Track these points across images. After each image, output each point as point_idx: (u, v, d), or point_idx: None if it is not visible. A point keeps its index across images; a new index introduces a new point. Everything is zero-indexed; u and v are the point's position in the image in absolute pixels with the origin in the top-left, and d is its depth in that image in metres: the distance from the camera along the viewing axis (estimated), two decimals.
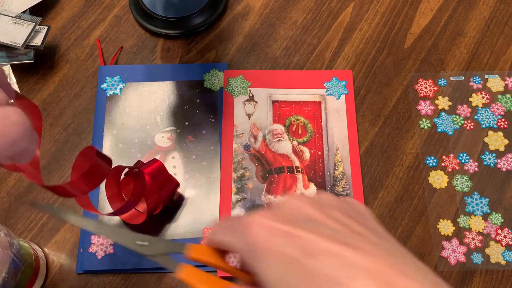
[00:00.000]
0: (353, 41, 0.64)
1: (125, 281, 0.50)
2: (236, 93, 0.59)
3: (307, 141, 0.57)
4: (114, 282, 0.50)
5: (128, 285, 0.50)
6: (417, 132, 0.58)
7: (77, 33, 0.64)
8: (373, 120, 0.58)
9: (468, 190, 0.54)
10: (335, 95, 0.59)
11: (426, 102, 0.59)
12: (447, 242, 0.52)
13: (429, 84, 0.60)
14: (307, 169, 0.55)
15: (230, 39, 0.64)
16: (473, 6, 0.66)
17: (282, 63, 0.62)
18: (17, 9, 0.61)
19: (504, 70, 0.61)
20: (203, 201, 0.53)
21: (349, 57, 0.62)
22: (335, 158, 0.56)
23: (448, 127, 0.58)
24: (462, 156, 0.56)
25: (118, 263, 0.50)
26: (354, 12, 0.66)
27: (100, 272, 0.50)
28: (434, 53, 0.63)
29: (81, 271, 0.50)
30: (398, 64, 0.62)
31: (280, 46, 0.63)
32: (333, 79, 0.60)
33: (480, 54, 0.63)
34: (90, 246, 0.51)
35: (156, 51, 0.63)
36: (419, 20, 0.65)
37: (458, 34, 0.64)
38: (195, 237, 0.51)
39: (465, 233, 0.52)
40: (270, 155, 0.56)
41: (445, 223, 0.53)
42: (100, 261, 0.50)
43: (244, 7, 0.66)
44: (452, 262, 0.51)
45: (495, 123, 0.58)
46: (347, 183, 0.54)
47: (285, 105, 0.59)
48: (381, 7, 0.66)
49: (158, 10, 0.64)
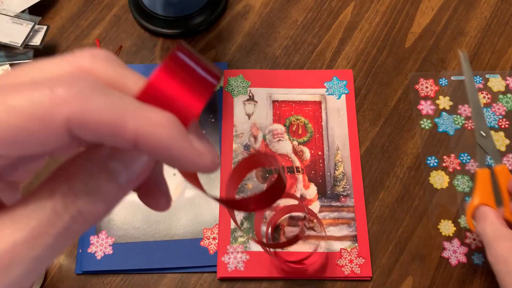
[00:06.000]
0: (353, 41, 0.63)
1: (124, 281, 0.50)
2: (236, 92, 0.59)
3: (307, 141, 0.57)
4: (114, 283, 0.50)
5: (128, 285, 0.50)
6: (418, 132, 0.57)
7: (76, 32, 0.63)
8: (374, 120, 0.58)
9: (469, 190, 0.54)
10: (336, 94, 0.59)
11: (427, 102, 0.59)
12: (448, 243, 0.52)
13: (430, 84, 0.60)
14: (307, 169, 0.55)
15: (230, 39, 0.63)
16: (474, 5, 0.66)
17: (282, 62, 0.62)
18: (16, 8, 0.61)
19: (505, 70, 0.61)
20: (202, 201, 0.53)
21: (350, 57, 0.62)
22: (336, 158, 0.55)
23: (449, 127, 0.57)
24: (463, 156, 0.56)
25: (117, 263, 0.50)
26: (355, 11, 0.66)
27: (100, 272, 0.50)
28: (435, 53, 0.62)
29: (80, 272, 0.50)
30: (398, 63, 0.62)
31: (280, 45, 0.63)
32: (334, 78, 0.60)
33: (481, 54, 0.62)
34: (89, 247, 0.51)
35: (156, 50, 0.62)
36: (419, 19, 0.65)
37: (459, 33, 0.64)
38: (195, 238, 0.51)
39: (466, 234, 0.52)
40: None
41: (446, 224, 0.53)
42: (100, 261, 0.50)
43: (244, 6, 0.66)
44: (453, 263, 0.51)
45: (496, 123, 0.57)
46: (348, 183, 0.54)
47: (285, 105, 0.58)
48: (382, 7, 0.66)
49: (157, 9, 0.63)
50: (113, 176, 0.18)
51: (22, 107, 0.15)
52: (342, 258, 0.50)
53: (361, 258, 0.50)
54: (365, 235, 0.52)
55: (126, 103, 0.17)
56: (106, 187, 0.18)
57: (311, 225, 0.52)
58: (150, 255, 0.50)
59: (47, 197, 0.17)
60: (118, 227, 0.52)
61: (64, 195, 0.17)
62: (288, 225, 0.52)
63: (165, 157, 0.17)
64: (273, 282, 0.50)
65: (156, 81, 0.18)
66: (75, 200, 0.17)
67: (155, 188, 0.21)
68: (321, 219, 0.52)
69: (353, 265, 0.50)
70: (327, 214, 0.53)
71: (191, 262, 0.50)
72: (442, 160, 0.56)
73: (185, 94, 0.18)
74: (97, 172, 0.18)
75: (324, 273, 0.50)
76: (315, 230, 0.52)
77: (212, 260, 0.50)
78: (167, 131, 0.17)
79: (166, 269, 0.50)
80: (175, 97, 0.18)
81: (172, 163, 0.18)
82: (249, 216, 0.52)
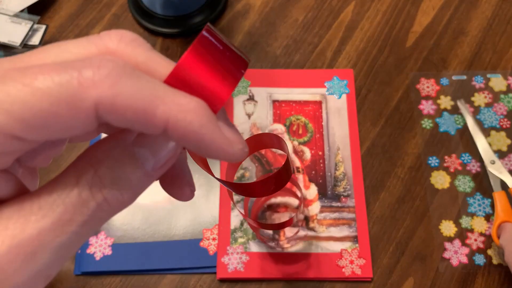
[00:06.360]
0: (354, 40, 0.63)
1: (123, 282, 0.50)
2: (236, 92, 0.59)
3: (308, 141, 0.56)
4: (113, 284, 0.50)
5: (127, 286, 0.49)
6: (419, 132, 0.57)
7: (75, 32, 0.63)
8: (375, 120, 0.58)
9: (470, 191, 0.54)
10: (336, 94, 0.59)
11: (428, 101, 0.59)
12: (449, 243, 0.51)
13: (431, 84, 0.60)
14: (307, 170, 0.55)
15: (230, 38, 0.63)
16: (475, 4, 0.66)
17: (282, 62, 0.61)
18: (15, 7, 0.61)
19: (507, 70, 0.61)
20: (202, 201, 0.53)
21: (350, 56, 0.62)
22: (336, 158, 0.55)
23: (450, 126, 0.57)
24: (465, 156, 0.55)
25: (116, 264, 0.50)
26: (355, 10, 0.65)
27: (99, 273, 0.50)
28: (436, 52, 0.62)
29: (79, 273, 0.50)
30: (399, 63, 0.61)
31: (281, 45, 0.63)
32: (334, 78, 0.60)
33: (483, 53, 0.62)
34: (88, 248, 0.50)
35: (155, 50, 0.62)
36: (420, 18, 0.65)
37: (460, 33, 0.64)
38: (194, 238, 0.51)
39: (467, 234, 0.52)
40: (270, 155, 0.55)
41: (447, 224, 0.52)
42: (99, 262, 0.50)
43: (244, 5, 0.66)
44: (454, 264, 0.50)
45: (497, 123, 0.57)
46: (348, 184, 0.54)
47: (285, 104, 0.58)
48: (383, 6, 0.66)
49: (157, 8, 0.63)
50: (140, 163, 0.17)
51: (49, 90, 0.15)
52: (342, 259, 0.50)
53: (362, 259, 0.50)
54: (366, 236, 0.51)
55: (156, 88, 0.16)
56: (133, 174, 0.17)
57: (312, 225, 0.52)
58: (149, 256, 0.50)
59: (73, 184, 0.16)
60: (117, 228, 0.51)
61: (90, 181, 0.16)
62: None
63: (195, 145, 0.16)
64: (273, 283, 0.50)
65: (185, 65, 0.17)
66: (101, 187, 0.16)
67: (179, 177, 0.21)
68: (322, 219, 0.52)
69: (353, 266, 0.50)
70: (327, 215, 0.52)
71: (190, 263, 0.50)
72: (443, 160, 0.55)
73: (214, 79, 0.17)
74: (124, 159, 0.17)
75: (325, 274, 0.50)
76: (316, 231, 0.52)
77: (211, 261, 0.50)
78: (199, 117, 0.16)
79: (165, 270, 0.50)
80: (204, 83, 0.17)
81: (201, 151, 0.17)
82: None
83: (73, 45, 0.17)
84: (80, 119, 0.15)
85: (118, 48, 0.17)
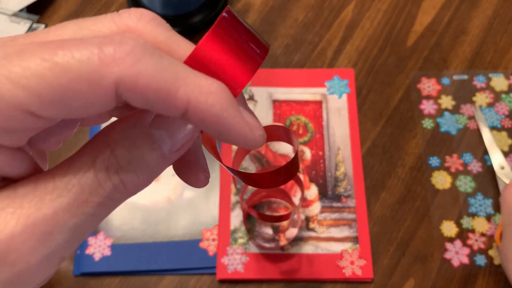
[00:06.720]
0: (354, 39, 0.63)
1: (123, 283, 0.49)
2: None
3: (308, 141, 0.56)
4: (112, 285, 0.49)
5: (126, 287, 0.49)
6: (419, 132, 0.57)
7: None
8: (375, 120, 0.58)
9: (471, 191, 0.53)
10: (337, 94, 0.58)
11: (429, 101, 0.58)
12: (450, 244, 0.51)
13: (432, 83, 0.59)
14: (308, 170, 0.54)
15: None
16: (476, 4, 0.65)
17: (282, 61, 0.61)
18: (14, 7, 0.61)
19: (508, 69, 0.60)
20: (202, 201, 0.53)
21: (351, 56, 0.62)
22: (337, 158, 0.55)
23: (451, 126, 0.57)
24: (466, 156, 0.55)
25: (115, 265, 0.49)
26: (356, 9, 0.65)
27: (98, 274, 0.50)
28: (437, 52, 0.62)
29: (78, 274, 0.50)
30: (400, 62, 0.61)
31: (281, 44, 0.62)
32: (335, 78, 0.59)
33: (484, 53, 0.62)
34: (87, 248, 0.50)
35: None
36: (421, 18, 0.64)
37: (461, 32, 0.63)
38: (194, 239, 0.51)
39: (469, 235, 0.51)
40: (270, 155, 0.55)
41: (448, 224, 0.52)
42: (98, 263, 0.49)
43: (244, 4, 0.65)
44: (455, 264, 0.50)
45: (499, 123, 0.57)
46: (349, 184, 0.53)
47: (285, 104, 0.58)
48: (383, 5, 0.65)
49: (156, 7, 0.63)
50: (157, 145, 0.17)
51: (69, 65, 0.14)
52: (343, 259, 0.50)
53: (362, 260, 0.50)
54: (367, 236, 0.51)
55: (178, 68, 0.15)
56: (149, 156, 0.17)
57: (312, 226, 0.52)
58: (148, 257, 0.50)
59: (89, 164, 0.16)
60: (116, 228, 0.51)
61: (107, 162, 0.16)
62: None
63: (215, 128, 0.16)
64: (273, 283, 0.49)
65: (205, 47, 0.17)
66: (118, 169, 0.16)
67: (194, 162, 0.20)
68: (322, 220, 0.52)
69: (354, 266, 0.50)
70: (328, 215, 0.52)
71: (190, 264, 0.50)
72: (444, 160, 0.55)
73: (234, 63, 0.17)
74: (141, 140, 0.16)
75: (325, 274, 0.49)
76: (316, 231, 0.51)
77: (211, 261, 0.50)
78: (220, 100, 0.15)
79: (165, 270, 0.50)
80: (224, 66, 0.17)
81: (221, 135, 0.16)
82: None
83: (91, 22, 0.17)
84: (99, 97, 0.15)
85: (137, 27, 0.17)
